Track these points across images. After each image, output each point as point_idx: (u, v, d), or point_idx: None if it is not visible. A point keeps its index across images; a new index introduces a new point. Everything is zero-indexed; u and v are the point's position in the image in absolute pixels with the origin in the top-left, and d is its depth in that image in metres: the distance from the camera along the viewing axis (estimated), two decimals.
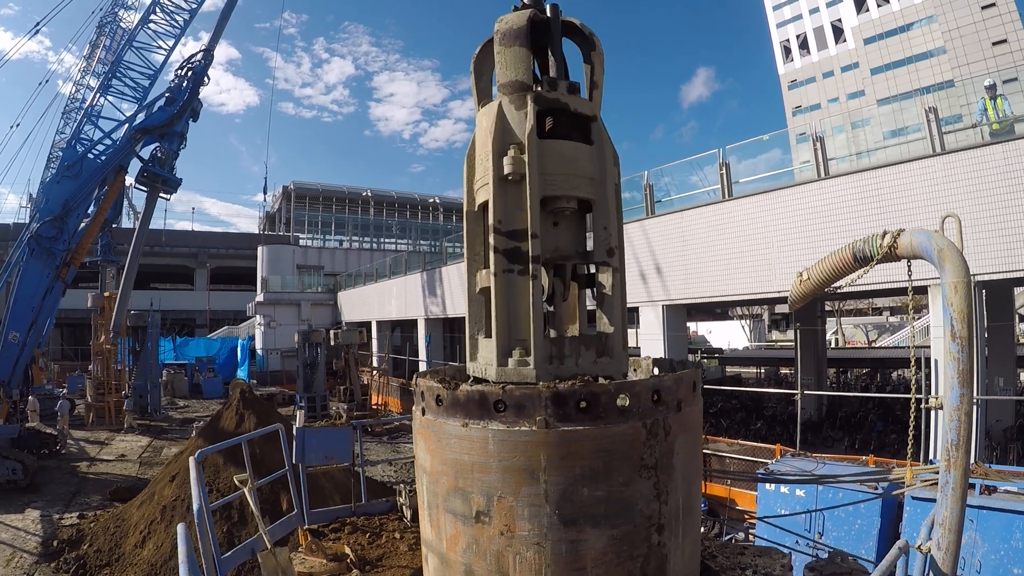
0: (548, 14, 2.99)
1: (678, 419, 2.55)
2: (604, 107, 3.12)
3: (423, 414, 2.79)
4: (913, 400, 3.15)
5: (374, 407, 25.27)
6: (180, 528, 2.33)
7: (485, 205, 2.87)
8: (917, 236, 2.11)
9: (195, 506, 2.92)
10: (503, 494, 2.44)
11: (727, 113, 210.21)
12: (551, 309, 3.19)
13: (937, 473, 7.45)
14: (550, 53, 3.04)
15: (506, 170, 2.71)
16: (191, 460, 3.28)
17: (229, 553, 3.87)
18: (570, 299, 3.25)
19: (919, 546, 2.27)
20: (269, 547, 3.82)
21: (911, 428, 3.05)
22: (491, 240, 2.77)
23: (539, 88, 2.90)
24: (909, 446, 3.12)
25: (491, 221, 2.77)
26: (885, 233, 2.25)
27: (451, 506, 2.62)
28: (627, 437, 2.40)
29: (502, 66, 2.89)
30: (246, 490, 4.00)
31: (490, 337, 2.85)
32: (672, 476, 2.52)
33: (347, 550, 4.11)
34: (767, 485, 9.27)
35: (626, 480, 2.41)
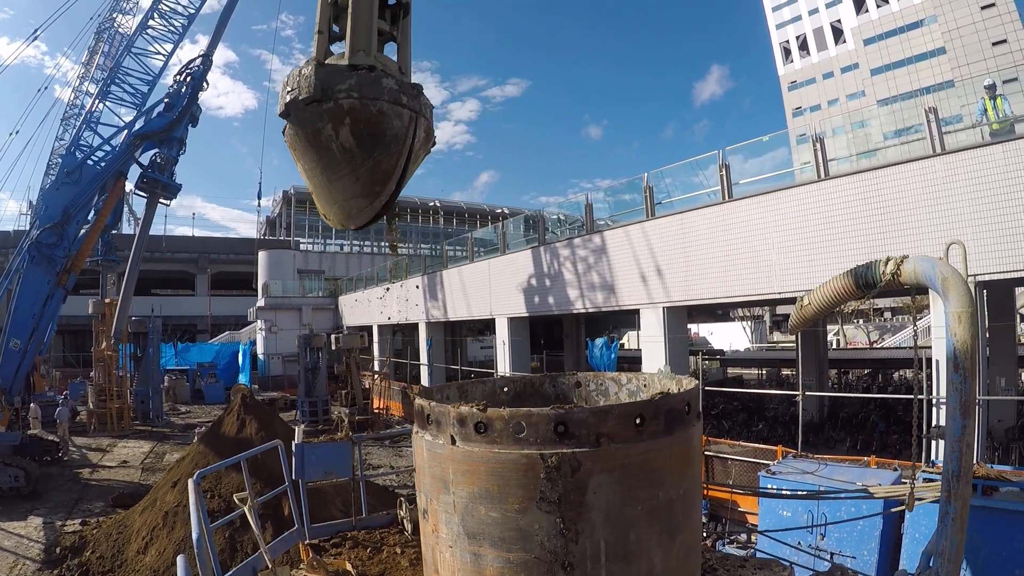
0: None
1: (597, 456, 2.38)
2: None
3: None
4: (916, 402, 3.10)
5: (376, 411, 25.27)
6: (180, 560, 2.32)
7: None
8: (921, 264, 2.04)
9: (194, 534, 2.91)
10: (432, 497, 2.73)
11: (739, 112, 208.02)
12: None
13: (939, 474, 7.41)
14: None
15: None
16: (190, 482, 3.27)
17: (230, 572, 3.86)
18: None
19: (918, 575, 2.22)
20: (270, 565, 3.81)
21: (914, 447, 3.00)
22: None
23: None
24: (912, 468, 3.08)
25: None
26: (888, 260, 2.19)
27: (416, 499, 2.99)
28: (520, 466, 2.41)
29: None
30: (246, 508, 3.99)
31: None
32: (585, 516, 2.40)
33: (348, 566, 4.10)
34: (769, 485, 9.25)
35: (521, 508, 2.42)
